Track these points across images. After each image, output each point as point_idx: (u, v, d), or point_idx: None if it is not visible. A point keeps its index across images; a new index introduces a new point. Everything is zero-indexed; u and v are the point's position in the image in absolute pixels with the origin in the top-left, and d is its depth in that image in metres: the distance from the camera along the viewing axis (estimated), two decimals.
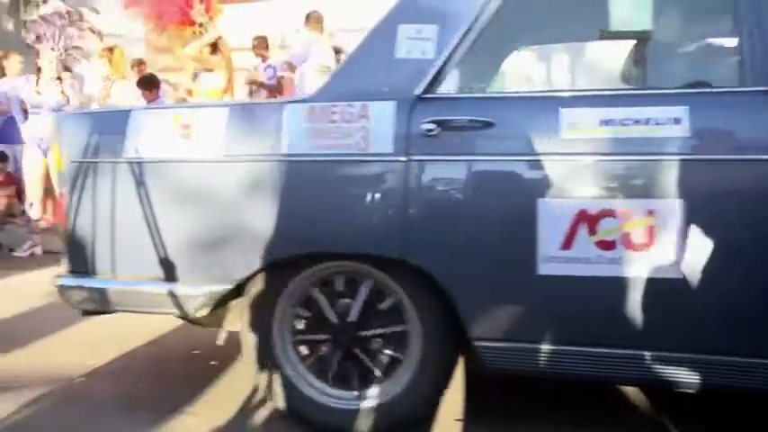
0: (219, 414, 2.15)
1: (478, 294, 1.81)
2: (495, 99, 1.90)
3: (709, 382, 1.70)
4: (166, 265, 2.01)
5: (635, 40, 1.84)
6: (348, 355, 1.98)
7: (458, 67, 1.85)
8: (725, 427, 2.05)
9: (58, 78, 4.95)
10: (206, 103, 3.85)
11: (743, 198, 1.64)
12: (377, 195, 1.81)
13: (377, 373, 1.95)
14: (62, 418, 2.19)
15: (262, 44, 6.37)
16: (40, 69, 5.13)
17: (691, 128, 1.64)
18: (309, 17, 5.68)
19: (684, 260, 1.64)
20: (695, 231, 1.63)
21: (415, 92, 1.82)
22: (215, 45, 5.13)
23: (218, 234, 1.94)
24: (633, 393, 2.25)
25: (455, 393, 2.01)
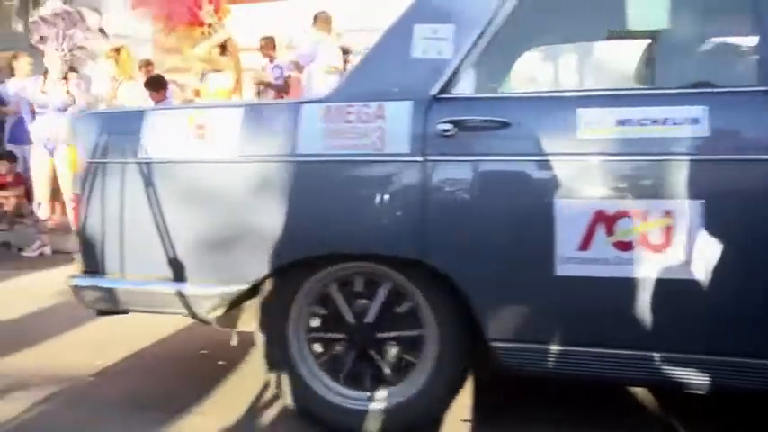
0: (228, 414, 2.15)
1: (494, 295, 1.80)
2: (512, 99, 1.89)
3: (728, 383, 1.69)
4: (179, 266, 2.00)
5: (652, 40, 1.82)
6: (362, 356, 1.98)
7: (474, 67, 1.84)
8: (730, 428, 2.04)
9: (63, 78, 4.96)
10: (221, 104, 3.85)
11: (762, 199, 1.62)
12: (393, 196, 1.80)
13: (391, 375, 1.95)
14: (71, 418, 2.19)
15: (269, 44, 6.38)
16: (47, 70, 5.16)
17: (709, 128, 1.63)
18: (317, 17, 5.68)
19: (703, 261, 1.63)
20: (714, 232, 1.62)
21: (432, 92, 1.81)
22: (224, 46, 5.14)
23: (232, 234, 1.94)
24: (637, 393, 2.24)
25: (462, 394, 2.00)
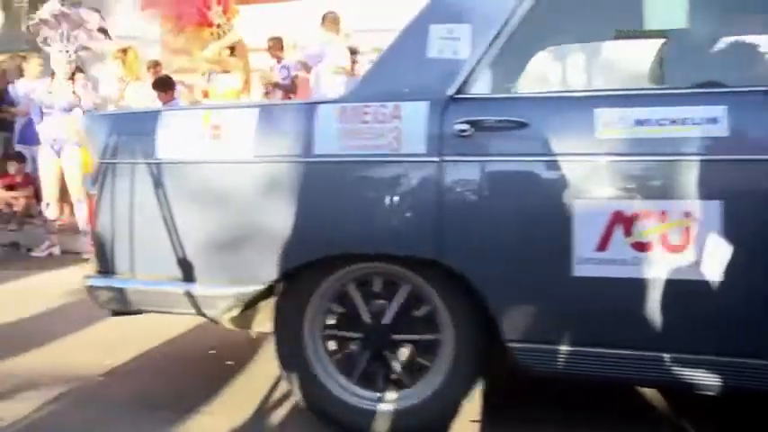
0: (236, 414, 2.15)
1: (511, 295, 1.79)
2: (529, 99, 1.88)
3: (743, 384, 1.68)
4: (194, 267, 2.00)
5: (669, 39, 1.81)
6: (377, 356, 1.97)
7: (490, 67, 1.83)
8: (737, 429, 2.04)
9: (70, 79, 4.98)
10: (236, 104, 3.84)
11: None
12: (409, 196, 1.80)
13: (405, 377, 1.94)
14: (80, 418, 2.20)
15: (277, 45, 6.39)
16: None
17: (729, 128, 1.62)
18: (325, 18, 5.68)
19: (722, 262, 1.62)
20: (732, 233, 1.61)
21: (448, 92, 1.81)
22: (233, 47, 5.15)
23: (247, 235, 1.93)
24: (645, 394, 2.23)
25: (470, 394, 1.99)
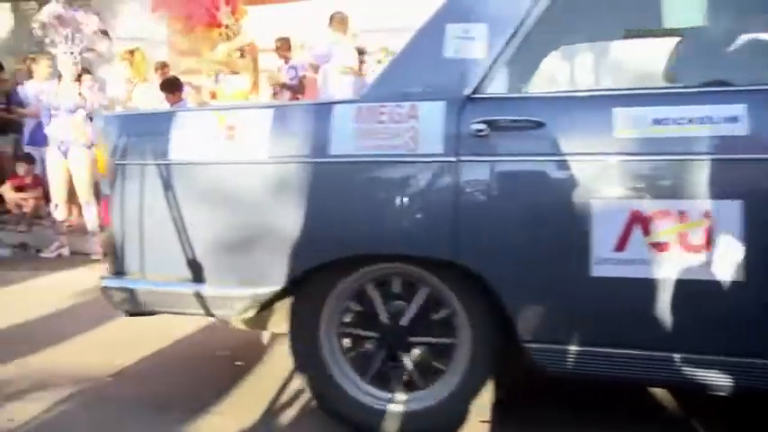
0: (246, 414, 2.16)
1: (528, 296, 1.78)
2: (546, 99, 1.87)
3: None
4: (208, 268, 2.00)
5: (688, 37, 1.80)
6: (392, 357, 1.96)
7: (507, 67, 1.82)
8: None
9: (76, 80, 5.00)
10: (252, 105, 3.84)
11: None
12: (425, 196, 1.79)
13: (419, 378, 1.94)
14: (91, 418, 2.21)
15: (284, 45, 6.38)
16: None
17: (749, 126, 1.61)
18: (333, 18, 5.68)
19: (741, 262, 1.61)
20: (752, 232, 1.60)
21: (465, 92, 1.80)
22: (242, 49, 5.15)
23: (263, 236, 1.93)
24: (655, 394, 2.22)
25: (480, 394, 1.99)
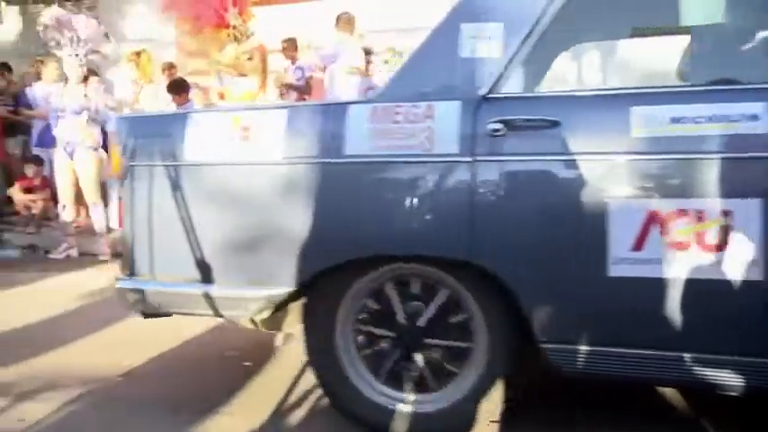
0: (254, 414, 2.16)
1: (544, 296, 1.77)
2: (563, 98, 1.86)
3: None
4: (223, 269, 2.00)
5: (706, 35, 1.79)
6: (406, 358, 1.96)
7: (523, 66, 1.82)
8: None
9: (82, 82, 5.02)
10: (266, 106, 3.84)
11: None
12: (441, 196, 1.79)
13: (433, 380, 1.93)
14: (100, 418, 2.21)
15: (291, 46, 6.38)
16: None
17: None
18: (340, 18, 5.67)
19: (759, 261, 1.59)
20: None
21: (481, 92, 1.79)
22: (251, 51, 5.15)
23: (278, 236, 1.92)
24: (665, 394, 2.21)
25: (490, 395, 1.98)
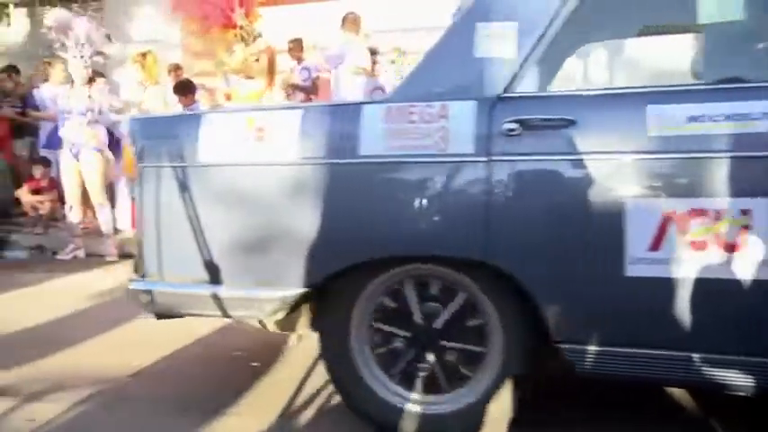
0: (263, 415, 2.16)
1: (561, 296, 1.76)
2: (578, 97, 1.85)
3: None
4: (237, 270, 2.00)
5: (721, 33, 1.78)
6: (420, 358, 1.95)
7: (538, 65, 1.81)
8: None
9: (88, 84, 5.03)
10: (281, 106, 3.84)
11: None
12: (456, 196, 1.78)
13: (447, 382, 1.93)
14: (110, 418, 2.22)
15: (297, 46, 6.38)
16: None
17: None
18: (346, 19, 5.67)
19: None
20: None
21: (496, 91, 1.79)
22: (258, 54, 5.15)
23: (292, 237, 1.92)
24: (674, 394, 2.20)
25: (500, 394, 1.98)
